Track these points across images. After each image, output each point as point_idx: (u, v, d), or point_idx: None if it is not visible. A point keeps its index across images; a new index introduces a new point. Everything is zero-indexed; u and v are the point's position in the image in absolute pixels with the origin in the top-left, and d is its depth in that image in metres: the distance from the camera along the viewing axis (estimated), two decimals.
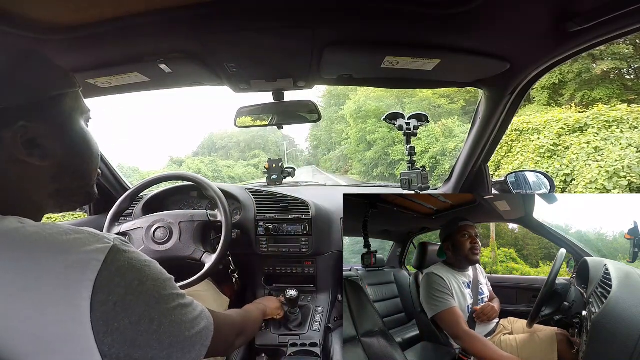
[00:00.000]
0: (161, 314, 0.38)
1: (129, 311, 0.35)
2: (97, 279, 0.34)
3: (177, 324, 0.40)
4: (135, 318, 0.35)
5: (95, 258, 0.35)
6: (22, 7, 0.55)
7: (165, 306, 0.39)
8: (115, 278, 0.35)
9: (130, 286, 0.36)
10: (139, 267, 0.38)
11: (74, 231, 0.37)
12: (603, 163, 4.91)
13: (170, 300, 0.40)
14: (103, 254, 0.35)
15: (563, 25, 0.60)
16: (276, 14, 0.62)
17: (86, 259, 0.34)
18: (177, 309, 0.41)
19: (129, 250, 0.38)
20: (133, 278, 0.36)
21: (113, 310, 0.34)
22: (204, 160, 23.52)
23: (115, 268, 0.35)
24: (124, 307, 0.35)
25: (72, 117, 0.45)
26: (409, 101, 14.65)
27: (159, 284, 0.39)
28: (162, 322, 0.38)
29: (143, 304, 0.37)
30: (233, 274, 1.20)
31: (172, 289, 0.41)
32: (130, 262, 0.37)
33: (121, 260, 0.36)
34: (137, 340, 0.36)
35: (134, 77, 0.84)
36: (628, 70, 10.37)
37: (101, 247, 0.36)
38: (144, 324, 0.36)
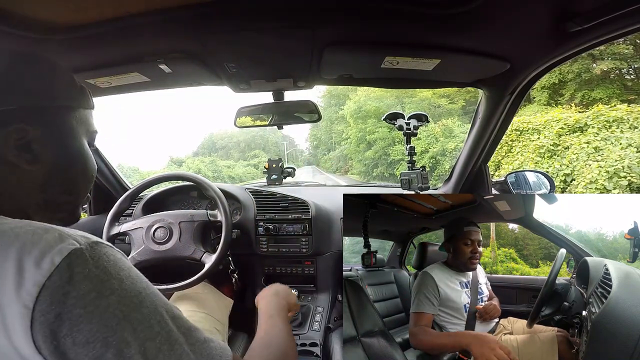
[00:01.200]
0: (124, 341, 0.30)
1: (73, 328, 0.28)
2: (44, 284, 0.29)
3: (148, 359, 0.31)
4: (81, 338, 0.29)
5: (50, 261, 0.30)
6: (22, 7, 0.55)
7: (131, 332, 0.30)
8: (65, 285, 0.29)
9: (83, 298, 0.29)
10: (103, 278, 0.31)
11: (43, 230, 0.33)
12: (603, 163, 4.91)
13: (143, 327, 0.31)
14: (60, 256, 0.30)
15: (563, 25, 0.60)
16: (276, 14, 0.62)
17: (41, 260, 0.30)
18: (155, 340, 0.32)
19: (98, 257, 0.32)
20: (90, 289, 0.30)
21: (53, 323, 0.28)
22: (204, 160, 23.52)
23: (68, 274, 0.30)
24: (68, 321, 0.28)
25: (74, 131, 0.44)
26: (409, 101, 14.65)
27: (130, 302, 0.32)
28: (122, 352, 0.30)
29: (97, 323, 0.29)
30: (233, 274, 1.20)
31: (153, 314, 0.33)
32: (92, 271, 0.31)
33: (80, 266, 0.30)
34: None
35: (134, 77, 0.84)
36: (628, 70, 10.37)
37: (61, 248, 0.31)
38: (93, 348, 0.29)
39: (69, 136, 0.44)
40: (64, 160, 0.43)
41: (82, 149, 0.46)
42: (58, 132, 0.42)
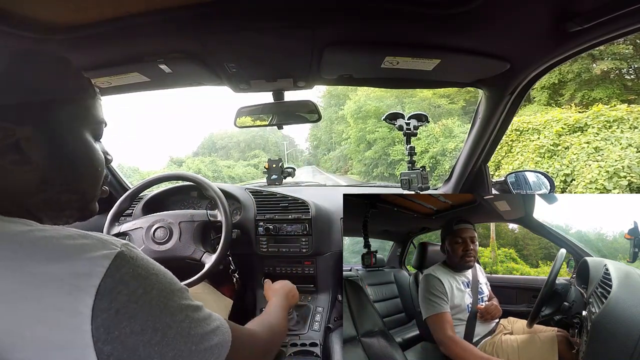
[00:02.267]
0: (166, 325, 0.37)
1: (131, 320, 0.34)
2: (100, 286, 0.33)
3: (184, 336, 0.38)
4: (137, 327, 0.34)
5: (101, 264, 0.34)
6: (22, 7, 0.55)
7: (171, 317, 0.37)
8: (118, 285, 0.34)
9: (134, 294, 0.35)
10: (144, 275, 0.37)
11: (81, 236, 0.36)
12: (603, 163, 4.91)
13: (177, 312, 0.38)
14: (108, 260, 0.35)
15: (563, 25, 0.60)
16: (276, 14, 0.62)
17: (91, 265, 0.34)
18: (185, 321, 0.39)
19: (136, 257, 0.37)
20: (137, 286, 0.35)
21: (115, 318, 0.33)
22: (204, 160, 23.52)
23: (119, 275, 0.35)
24: (126, 315, 0.34)
25: (70, 126, 0.42)
26: (409, 101, 14.65)
27: (166, 293, 0.38)
28: (166, 334, 0.36)
29: (146, 314, 0.35)
30: (233, 274, 1.20)
31: (181, 300, 0.40)
32: (135, 270, 0.36)
33: (126, 267, 0.35)
34: (138, 350, 0.34)
35: (134, 77, 0.84)
36: (628, 70, 10.36)
37: (107, 253, 0.35)
38: (146, 334, 0.35)
39: (64, 132, 0.41)
40: (59, 159, 0.41)
41: (82, 144, 0.43)
42: (50, 129, 0.40)
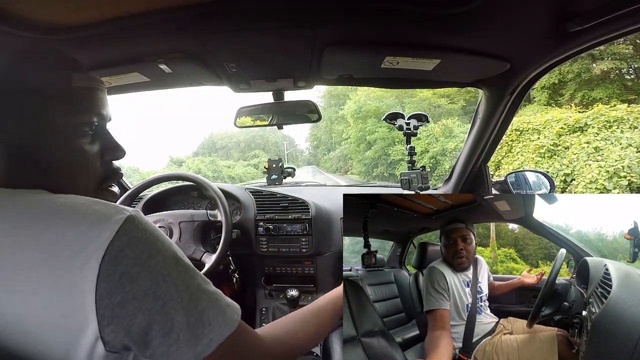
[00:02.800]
0: (168, 294, 0.36)
1: (133, 284, 0.34)
2: (107, 248, 0.33)
3: (183, 308, 0.37)
4: (139, 292, 0.34)
5: (110, 228, 0.34)
6: (22, 7, 0.55)
7: (173, 287, 0.37)
8: (125, 248, 0.34)
9: (139, 258, 0.35)
10: (151, 240, 0.37)
11: (95, 202, 0.37)
12: (603, 163, 4.91)
13: (179, 282, 0.38)
14: (117, 224, 0.35)
15: (563, 25, 0.60)
16: (276, 14, 0.62)
17: (101, 228, 0.34)
18: (187, 292, 0.38)
19: (145, 222, 0.38)
20: (143, 250, 0.36)
21: (118, 282, 0.33)
22: (204, 160, 23.52)
23: (127, 238, 0.35)
24: (129, 278, 0.34)
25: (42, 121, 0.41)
26: (409, 101, 14.65)
27: (170, 263, 0.38)
28: (166, 303, 0.36)
29: (149, 279, 0.35)
30: (233, 274, 1.20)
31: (185, 271, 0.39)
32: (143, 235, 0.36)
33: (134, 231, 0.36)
34: (137, 317, 0.34)
35: (134, 77, 0.84)
36: (628, 70, 10.35)
37: (117, 217, 0.36)
38: (147, 301, 0.35)
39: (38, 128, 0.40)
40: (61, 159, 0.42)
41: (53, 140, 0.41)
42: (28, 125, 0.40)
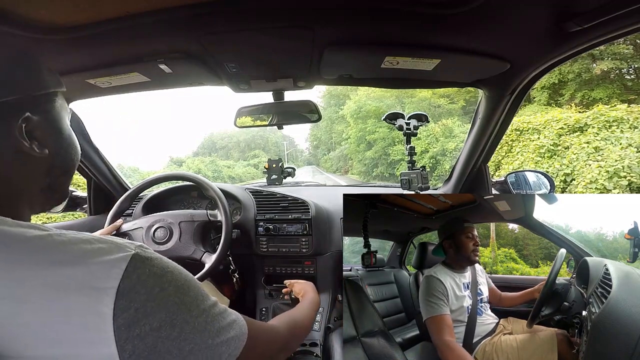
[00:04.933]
0: (183, 321, 0.38)
1: (149, 317, 0.36)
2: (119, 287, 0.35)
3: (200, 331, 0.39)
4: (156, 324, 0.36)
5: (118, 266, 0.36)
6: (22, 7, 0.55)
7: (188, 313, 0.39)
8: (136, 286, 0.36)
9: (151, 293, 0.37)
10: (160, 274, 0.38)
11: (97, 240, 0.38)
12: (603, 163, 4.90)
13: (193, 307, 0.40)
14: (125, 262, 0.36)
15: (563, 25, 0.60)
16: (276, 14, 0.62)
17: (109, 267, 0.36)
18: (202, 315, 0.40)
19: (151, 257, 0.39)
20: (154, 285, 0.37)
21: (134, 317, 0.35)
22: (204, 160, 23.53)
23: (136, 276, 0.36)
24: (144, 313, 0.35)
25: (61, 114, 0.47)
26: (409, 101, 14.65)
27: (182, 290, 0.40)
28: (183, 329, 0.38)
29: (164, 310, 0.37)
30: (233, 274, 1.20)
31: (197, 296, 0.41)
32: (151, 270, 0.38)
33: (142, 268, 0.37)
34: (157, 346, 0.36)
35: (134, 77, 0.84)
36: (628, 70, 10.36)
37: (123, 255, 0.37)
38: (164, 330, 0.36)
39: (60, 120, 0.47)
40: (62, 143, 0.47)
41: (70, 130, 0.49)
42: (52, 118, 0.45)
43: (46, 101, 0.44)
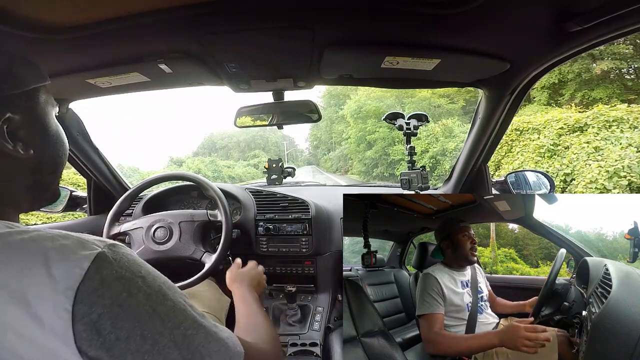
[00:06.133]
0: (157, 333, 0.34)
1: (115, 325, 0.32)
2: (79, 289, 0.31)
3: (178, 345, 0.35)
4: (123, 334, 0.32)
5: (79, 266, 0.32)
6: (22, 7, 0.55)
7: (162, 324, 0.35)
8: (99, 288, 0.32)
9: (118, 298, 0.33)
10: (128, 277, 0.34)
11: (62, 237, 0.35)
12: (603, 163, 4.90)
13: (168, 319, 0.35)
14: (87, 261, 0.33)
15: (563, 25, 0.60)
16: (276, 14, 0.62)
17: (69, 267, 0.32)
18: (180, 328, 0.36)
19: (120, 259, 0.35)
20: (120, 289, 0.33)
21: (97, 323, 0.31)
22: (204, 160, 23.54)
23: (100, 278, 0.32)
24: (109, 320, 0.32)
25: (45, 110, 0.44)
26: (409, 101, 14.66)
27: (154, 298, 0.35)
28: (157, 341, 0.34)
29: (132, 319, 0.33)
30: None
31: (174, 306, 0.37)
32: (118, 272, 0.34)
33: (108, 269, 0.33)
34: (126, 358, 0.32)
35: (134, 77, 0.84)
36: (628, 70, 10.36)
37: (86, 254, 0.33)
38: (134, 342, 0.33)
39: (46, 116, 0.44)
40: (48, 140, 0.44)
41: (57, 125, 0.46)
42: (36, 115, 0.43)
43: (27, 98, 0.41)
